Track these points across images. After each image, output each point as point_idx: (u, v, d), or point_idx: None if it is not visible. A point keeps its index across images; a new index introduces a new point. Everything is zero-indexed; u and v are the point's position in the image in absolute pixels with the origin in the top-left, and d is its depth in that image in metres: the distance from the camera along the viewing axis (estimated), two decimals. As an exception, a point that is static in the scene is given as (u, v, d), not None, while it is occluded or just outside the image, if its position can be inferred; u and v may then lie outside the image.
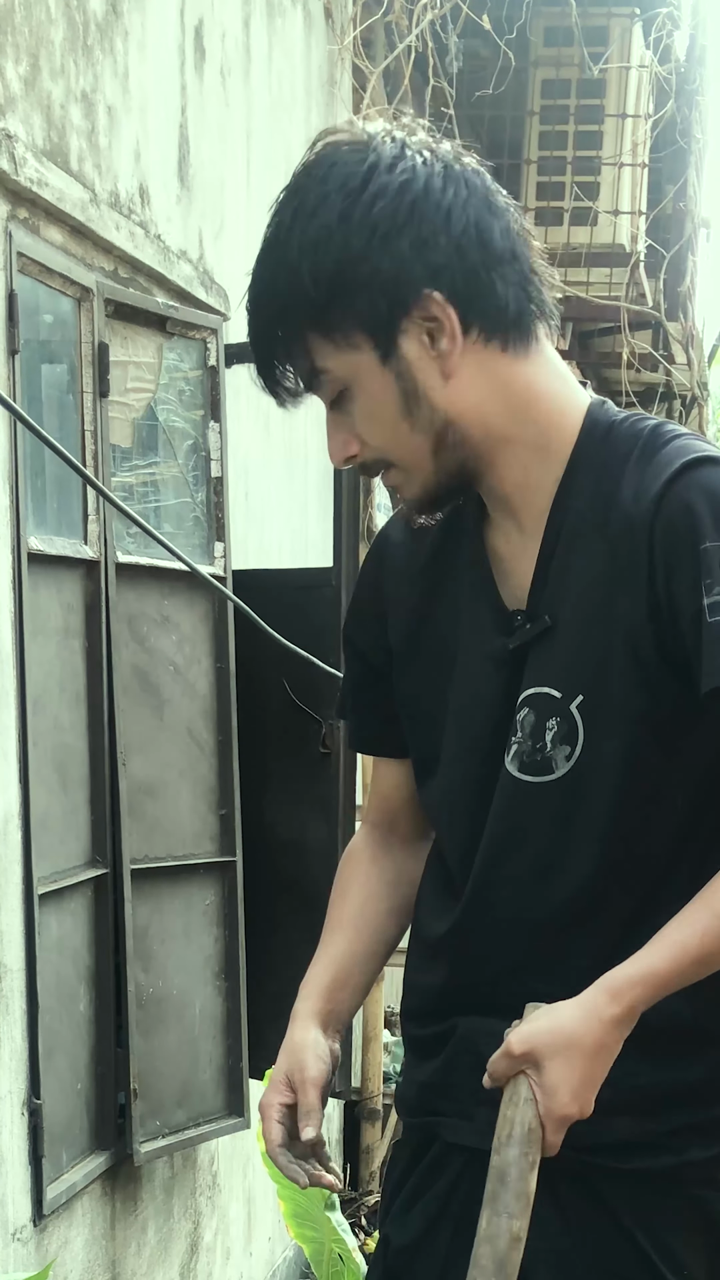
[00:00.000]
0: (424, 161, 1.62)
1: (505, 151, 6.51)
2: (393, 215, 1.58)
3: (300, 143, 4.68)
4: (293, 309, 1.63)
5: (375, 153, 1.60)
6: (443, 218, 1.60)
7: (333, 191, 1.59)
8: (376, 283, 1.59)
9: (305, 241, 1.59)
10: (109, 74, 3.30)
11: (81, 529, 3.34)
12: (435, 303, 1.61)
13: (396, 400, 1.65)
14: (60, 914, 3.20)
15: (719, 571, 1.56)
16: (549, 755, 1.70)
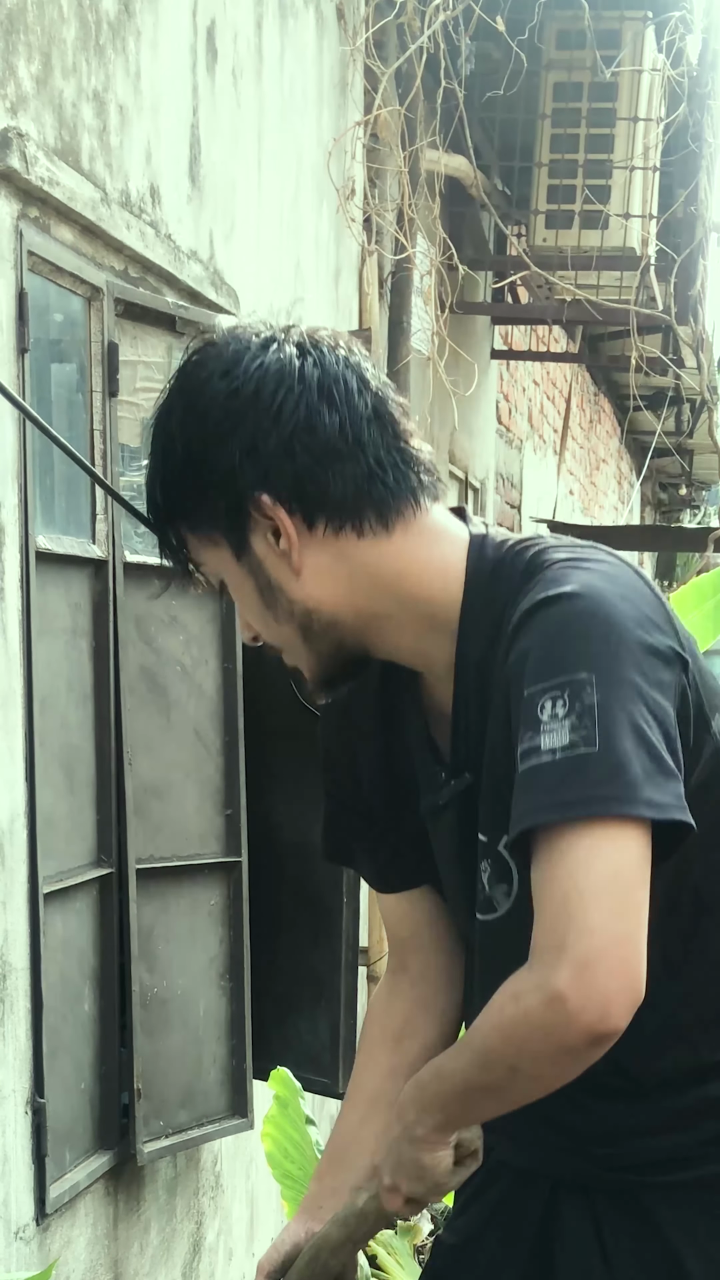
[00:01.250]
0: (260, 364, 1.65)
1: (516, 154, 6.50)
2: (221, 421, 1.65)
3: (312, 144, 4.69)
4: (162, 503, 1.74)
5: (218, 360, 1.67)
6: (270, 420, 1.64)
7: (175, 401, 1.70)
8: (216, 486, 1.67)
9: (157, 447, 1.72)
10: (121, 73, 3.30)
11: (90, 528, 3.34)
12: (266, 505, 1.65)
13: (256, 593, 1.72)
14: (65, 913, 3.19)
15: (535, 718, 1.53)
16: (489, 895, 1.75)
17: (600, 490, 12.44)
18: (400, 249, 5.44)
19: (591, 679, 1.51)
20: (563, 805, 1.49)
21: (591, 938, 1.46)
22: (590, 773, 1.49)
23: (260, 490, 1.65)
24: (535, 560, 1.68)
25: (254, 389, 1.65)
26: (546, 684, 1.53)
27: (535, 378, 9.40)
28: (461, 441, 7.17)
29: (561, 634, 1.56)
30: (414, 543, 1.71)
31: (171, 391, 1.71)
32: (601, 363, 9.93)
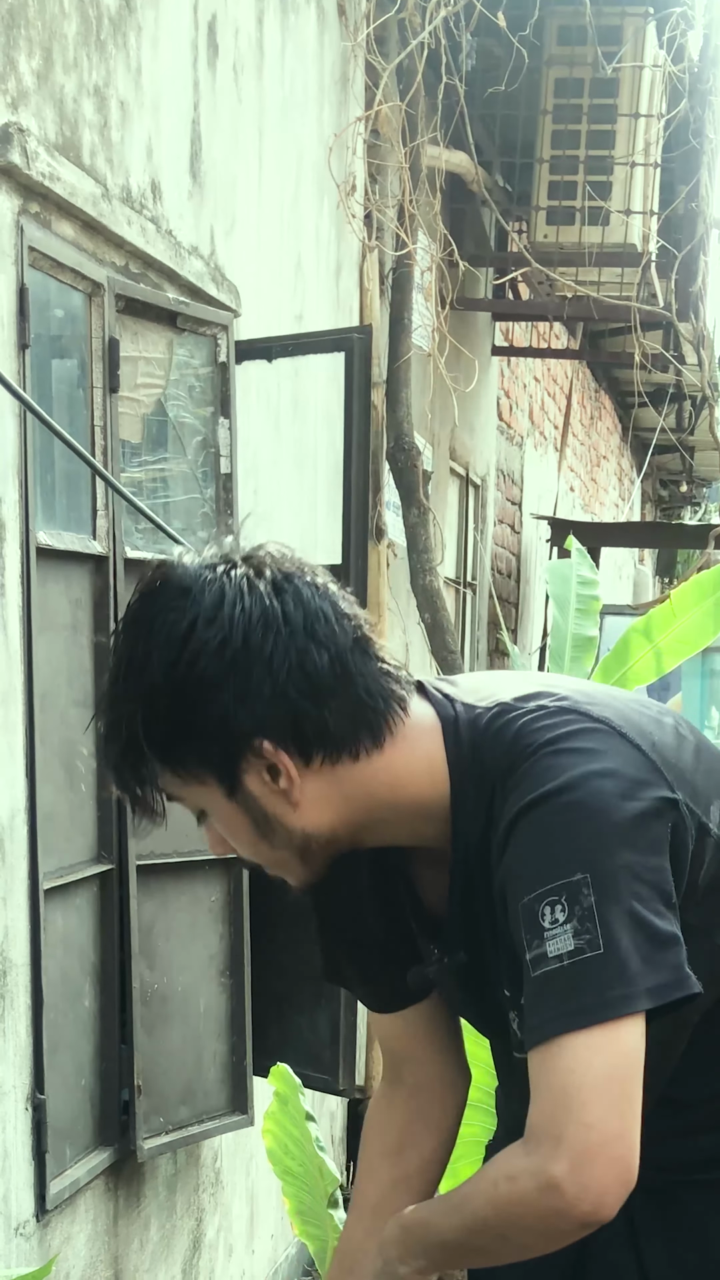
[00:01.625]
0: (243, 609, 1.63)
1: (518, 150, 6.50)
2: (214, 672, 1.62)
3: (313, 140, 4.68)
4: (139, 748, 1.66)
5: (196, 604, 1.63)
6: (263, 667, 1.62)
7: (157, 648, 1.62)
8: (208, 733, 1.63)
9: (140, 694, 1.64)
10: (122, 69, 3.30)
11: (90, 524, 3.34)
12: (266, 750, 1.64)
13: (250, 826, 1.69)
14: (66, 910, 3.19)
15: (538, 925, 1.57)
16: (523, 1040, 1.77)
17: (601, 487, 12.44)
18: (401, 245, 5.43)
19: (587, 879, 1.56)
20: (575, 1013, 1.54)
21: (589, 1132, 1.51)
22: (596, 977, 1.55)
23: (258, 736, 1.63)
24: (517, 740, 1.68)
25: (243, 638, 1.61)
26: (544, 889, 1.58)
27: (536, 374, 9.40)
28: (462, 438, 7.17)
29: (551, 836, 1.60)
30: (402, 750, 1.71)
31: (142, 636, 1.64)
32: (602, 359, 9.94)
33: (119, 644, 1.67)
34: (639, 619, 5.04)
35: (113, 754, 1.69)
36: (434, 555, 5.68)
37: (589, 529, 9.13)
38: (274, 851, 1.72)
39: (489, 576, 8.21)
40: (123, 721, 1.65)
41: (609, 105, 6.24)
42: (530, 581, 9.54)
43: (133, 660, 1.64)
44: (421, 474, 5.57)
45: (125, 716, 1.65)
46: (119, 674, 1.66)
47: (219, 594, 1.63)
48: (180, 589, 1.64)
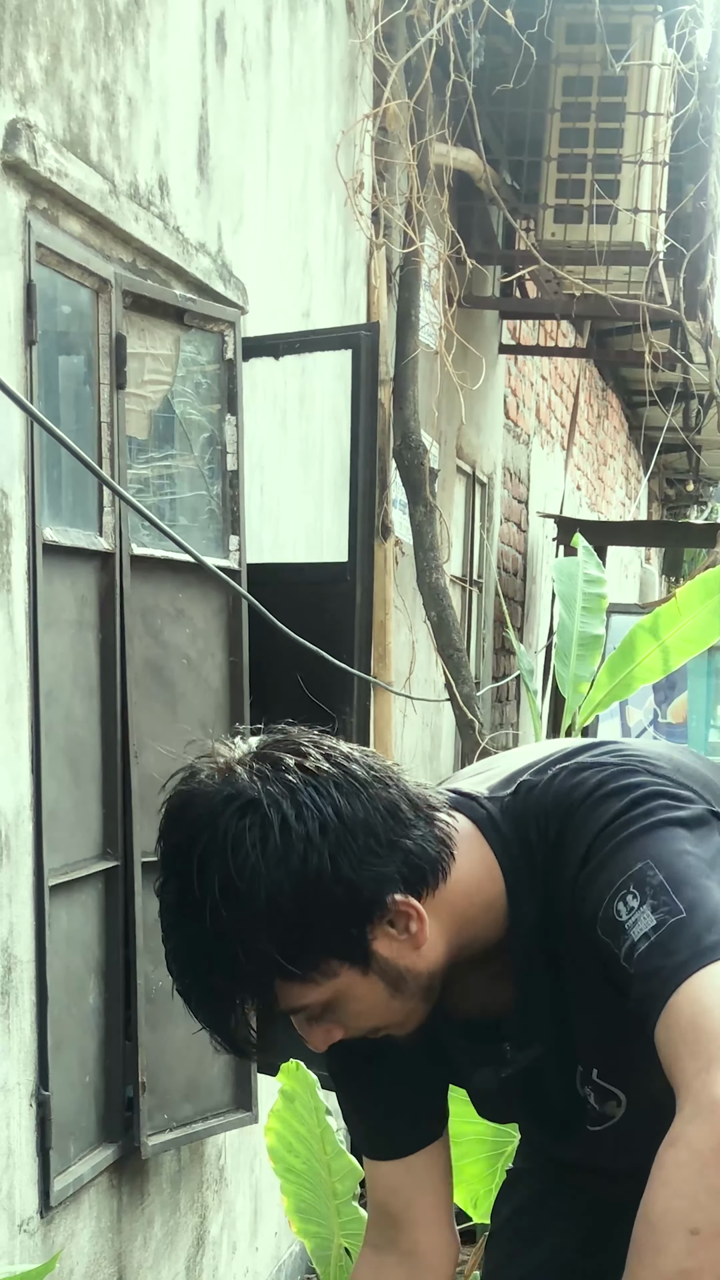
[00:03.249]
0: (315, 788, 1.60)
1: (526, 148, 6.48)
2: (328, 858, 1.58)
3: (320, 137, 4.68)
4: (257, 975, 1.62)
5: (265, 806, 1.58)
6: (363, 828, 1.61)
7: (256, 865, 1.57)
8: (340, 921, 1.61)
9: (257, 920, 1.58)
10: (130, 65, 3.30)
11: (96, 521, 3.34)
12: (398, 904, 1.64)
13: (384, 991, 1.68)
14: (70, 906, 3.19)
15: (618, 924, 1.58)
16: (600, 1112, 1.81)
17: (607, 485, 12.43)
18: (409, 243, 5.43)
19: (648, 863, 1.57)
20: (677, 970, 1.51)
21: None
22: (687, 935, 1.52)
23: (387, 895, 1.62)
24: (557, 803, 1.70)
25: (334, 812, 1.59)
26: (611, 892, 1.59)
27: (543, 372, 9.39)
28: (469, 436, 7.16)
29: (609, 856, 1.61)
30: (462, 862, 1.71)
31: (226, 861, 1.58)
32: (609, 358, 9.93)
33: (187, 887, 1.60)
34: (645, 617, 5.04)
35: (216, 994, 1.64)
36: (440, 553, 5.68)
37: (595, 527, 9.12)
38: (405, 1005, 1.70)
39: (495, 575, 8.21)
40: (240, 951, 1.59)
41: (617, 103, 6.23)
42: (536, 580, 9.53)
43: (229, 892, 1.57)
44: (428, 472, 5.56)
45: (243, 943, 1.59)
46: (214, 903, 1.57)
47: (282, 787, 1.60)
48: (230, 799, 1.60)
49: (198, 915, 1.59)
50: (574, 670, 5.42)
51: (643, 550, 13.99)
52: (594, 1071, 1.78)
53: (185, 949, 1.63)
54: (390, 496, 5.36)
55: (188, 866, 1.60)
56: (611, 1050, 1.76)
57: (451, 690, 5.75)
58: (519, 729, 8.94)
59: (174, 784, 1.68)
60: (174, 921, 1.64)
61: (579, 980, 1.72)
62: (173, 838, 1.64)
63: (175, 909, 1.63)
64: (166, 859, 1.65)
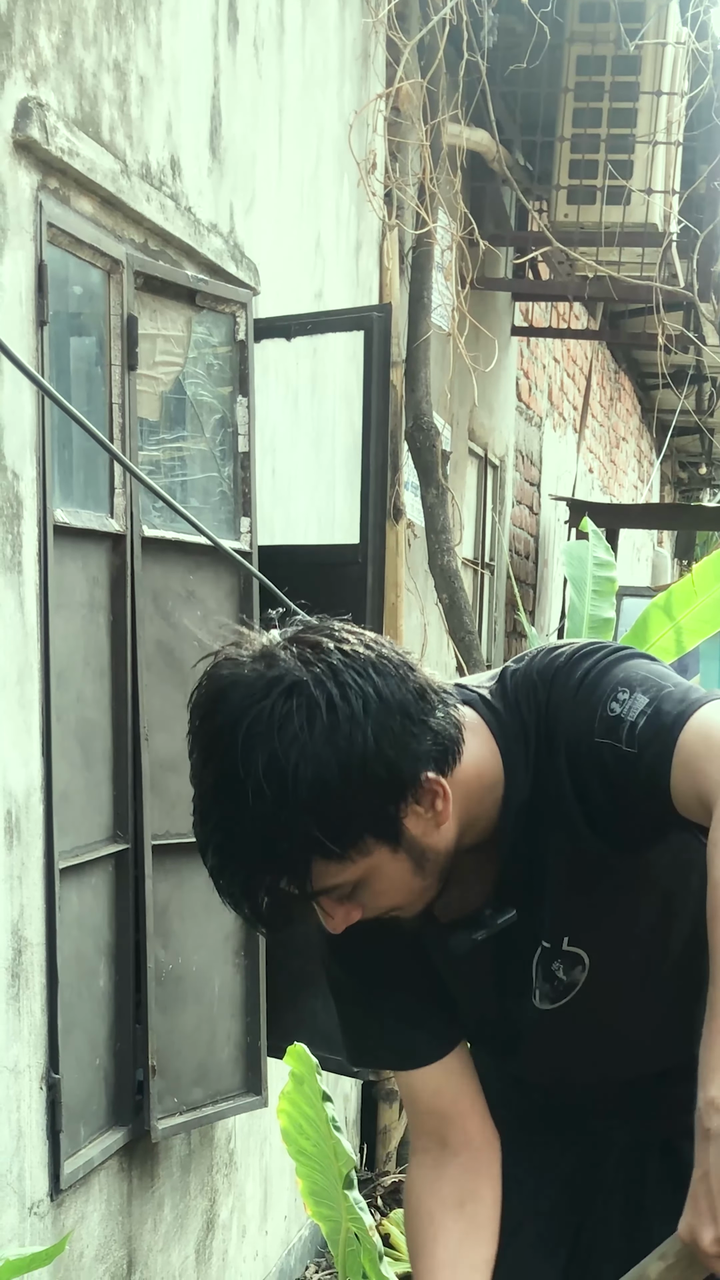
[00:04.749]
0: (354, 670, 1.63)
1: (539, 128, 6.46)
2: (371, 739, 1.61)
3: (333, 117, 4.65)
4: (297, 854, 1.63)
5: (311, 688, 1.61)
6: (399, 709, 1.65)
7: (305, 745, 1.58)
8: (380, 796, 1.64)
9: (304, 800, 1.59)
10: (141, 43, 3.28)
11: (108, 502, 3.33)
12: (430, 782, 1.68)
13: (409, 868, 1.72)
14: (81, 889, 3.19)
15: (617, 719, 1.71)
16: (564, 982, 1.90)
17: (620, 468, 12.40)
18: (421, 223, 5.40)
19: (629, 673, 1.74)
20: (678, 719, 1.68)
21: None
22: (677, 695, 1.71)
23: (422, 773, 1.67)
24: (543, 673, 1.80)
25: (375, 693, 1.63)
26: (603, 705, 1.72)
27: (556, 354, 9.36)
28: (481, 418, 7.14)
29: (592, 681, 1.75)
30: (468, 739, 1.76)
31: (270, 742, 1.58)
32: (622, 340, 9.90)
33: (230, 768, 1.59)
34: (659, 596, 5.03)
35: (250, 871, 1.64)
36: (452, 536, 5.66)
37: (607, 510, 9.09)
38: (424, 883, 1.74)
39: (507, 557, 8.19)
40: (282, 829, 1.60)
41: (631, 83, 6.19)
42: (548, 563, 9.51)
43: (273, 772, 1.57)
44: (440, 454, 5.55)
45: (284, 833, 1.60)
46: (257, 780, 1.58)
47: (325, 668, 1.62)
48: (275, 680, 1.61)
49: (240, 795, 1.59)
50: (586, 653, 5.40)
51: (655, 533, 13.96)
52: (564, 940, 1.87)
53: (224, 830, 1.62)
54: (402, 479, 5.34)
55: (231, 747, 1.59)
56: (583, 915, 1.85)
57: (462, 673, 5.74)
58: (530, 712, 8.91)
59: (204, 666, 1.67)
60: (213, 803, 1.63)
61: (560, 852, 1.80)
62: (214, 720, 1.62)
63: (216, 790, 1.62)
64: (206, 741, 1.63)
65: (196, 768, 1.64)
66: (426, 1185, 2.02)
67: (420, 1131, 2.04)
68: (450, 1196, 2.00)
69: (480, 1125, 2.02)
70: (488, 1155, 2.02)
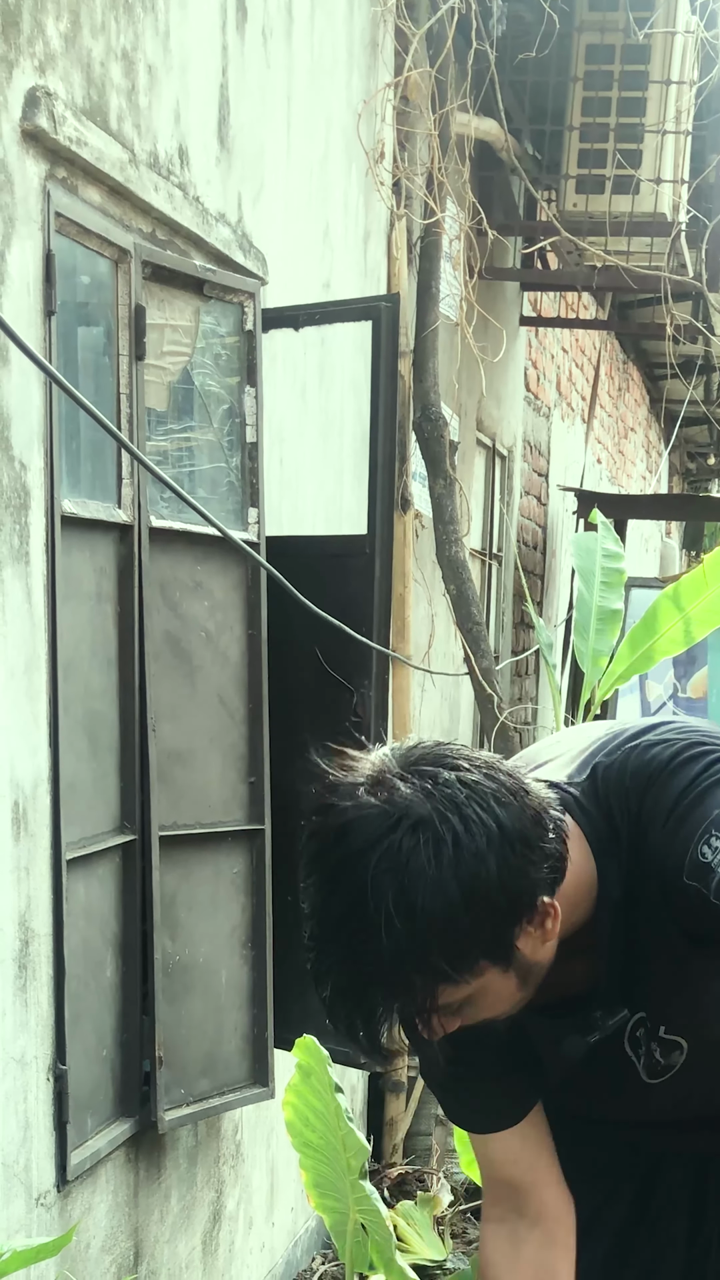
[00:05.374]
0: (476, 800, 1.64)
1: (548, 118, 6.43)
2: (494, 868, 1.62)
3: (341, 106, 4.64)
4: (420, 981, 1.64)
5: (443, 824, 1.61)
6: (516, 836, 1.65)
7: (432, 878, 1.60)
8: (499, 923, 1.66)
9: (429, 926, 1.60)
10: (150, 32, 3.27)
11: (115, 493, 3.32)
12: (544, 905, 1.70)
13: (515, 985, 1.73)
14: (88, 880, 3.18)
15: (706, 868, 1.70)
16: (664, 1064, 1.93)
17: (628, 459, 12.38)
18: (430, 213, 5.39)
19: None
20: None
21: None
22: None
23: (538, 898, 1.68)
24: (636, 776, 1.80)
25: (496, 823, 1.63)
26: (695, 840, 1.71)
27: (564, 344, 9.34)
28: (489, 408, 7.13)
29: (689, 813, 1.74)
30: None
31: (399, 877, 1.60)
32: (631, 330, 9.87)
33: (358, 902, 1.61)
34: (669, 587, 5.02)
35: (388, 1007, 1.66)
36: (460, 526, 5.65)
37: (616, 501, 9.08)
38: (525, 994, 1.76)
39: (515, 548, 8.18)
40: (407, 971, 1.62)
41: (640, 72, 6.17)
42: (556, 554, 9.50)
43: (402, 906, 1.59)
44: (448, 444, 5.53)
45: (412, 964, 1.62)
46: (388, 928, 1.60)
47: (448, 802, 1.63)
48: (401, 816, 1.62)
49: (368, 928, 1.61)
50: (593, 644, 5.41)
51: (663, 524, 13.94)
52: (661, 1028, 1.89)
53: (350, 961, 1.64)
54: (410, 469, 5.33)
55: (360, 881, 1.61)
56: (679, 1003, 1.87)
57: (470, 664, 5.73)
58: (538, 703, 8.92)
59: (319, 797, 1.71)
60: (336, 933, 1.65)
61: (653, 943, 1.82)
62: (337, 852, 1.64)
63: (341, 922, 1.64)
64: (330, 873, 1.66)
65: (318, 900, 1.68)
66: (503, 1257, 2.03)
67: (494, 1199, 2.05)
68: (527, 1273, 2.01)
69: (556, 1194, 2.03)
70: (565, 1226, 2.03)
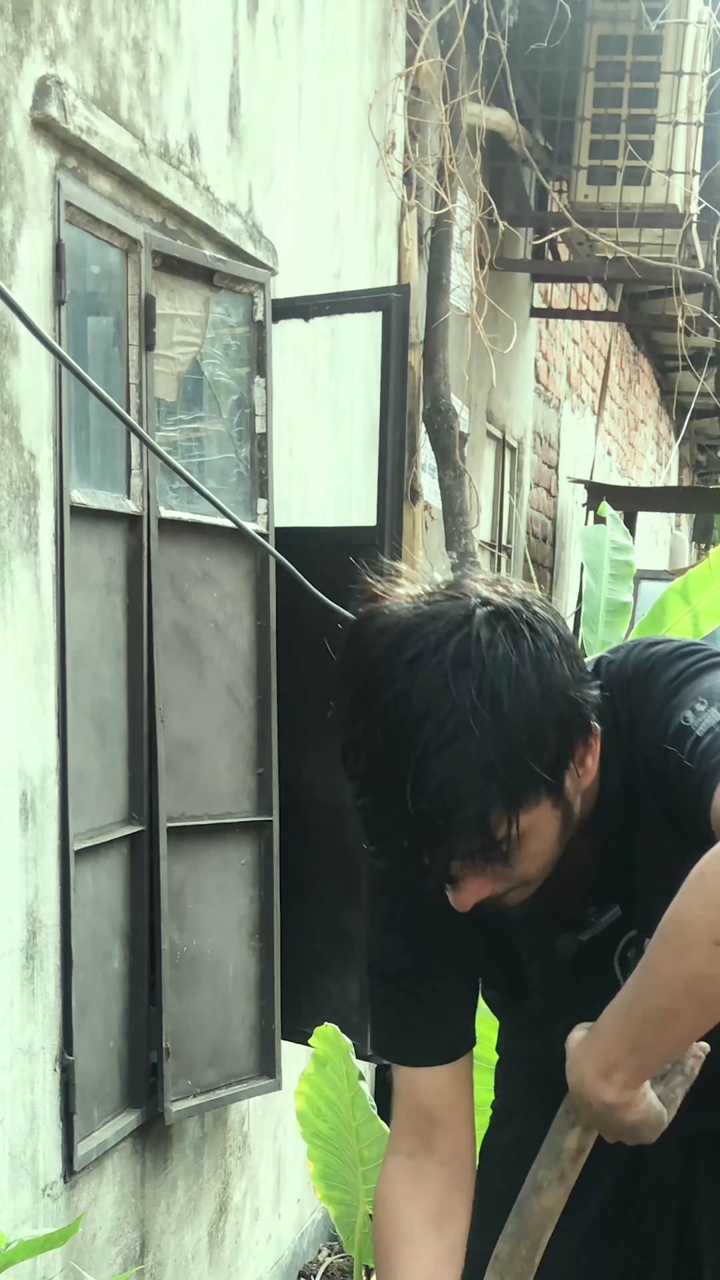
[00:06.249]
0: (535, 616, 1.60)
1: (559, 108, 6.42)
2: (568, 674, 1.60)
3: (352, 96, 4.62)
4: (512, 782, 1.57)
5: (518, 615, 1.58)
6: (569, 655, 1.61)
7: (517, 662, 1.55)
8: (565, 735, 1.61)
9: (516, 715, 1.54)
10: (161, 21, 3.26)
11: (125, 483, 3.31)
12: (595, 734, 1.65)
13: (559, 831, 1.67)
14: (96, 871, 3.18)
15: (685, 729, 1.65)
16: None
17: (638, 451, 12.36)
18: (440, 204, 5.38)
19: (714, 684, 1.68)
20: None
21: None
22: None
23: (591, 716, 1.64)
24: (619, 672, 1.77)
25: (557, 634, 1.60)
26: (681, 710, 1.67)
27: (574, 336, 9.33)
28: (499, 400, 7.12)
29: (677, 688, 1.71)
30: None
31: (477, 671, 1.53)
32: (641, 321, 9.86)
33: (439, 690, 1.53)
34: (677, 580, 5.01)
35: (441, 823, 1.56)
36: (469, 518, 5.64)
37: (626, 493, 9.07)
38: (555, 851, 1.68)
39: (524, 540, 8.17)
40: (497, 766, 1.54)
41: (652, 62, 6.15)
42: (566, 546, 9.48)
43: (486, 696, 1.52)
44: (458, 436, 5.52)
45: (502, 757, 1.53)
46: (475, 716, 1.52)
47: (517, 601, 1.60)
48: (475, 608, 1.58)
49: (454, 723, 1.52)
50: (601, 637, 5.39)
51: (673, 516, 13.92)
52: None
53: (426, 772, 1.53)
54: (419, 460, 5.32)
55: (436, 674, 1.53)
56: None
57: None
58: (546, 695, 8.90)
59: (374, 606, 1.67)
60: (409, 741, 1.53)
61: (647, 853, 1.77)
62: (407, 650, 1.55)
63: (416, 725, 1.53)
64: (398, 673, 1.55)
65: (380, 703, 1.55)
66: (405, 1194, 1.92)
67: (406, 1131, 1.95)
68: (430, 1211, 1.90)
69: (469, 1139, 1.95)
70: (468, 1176, 1.94)
